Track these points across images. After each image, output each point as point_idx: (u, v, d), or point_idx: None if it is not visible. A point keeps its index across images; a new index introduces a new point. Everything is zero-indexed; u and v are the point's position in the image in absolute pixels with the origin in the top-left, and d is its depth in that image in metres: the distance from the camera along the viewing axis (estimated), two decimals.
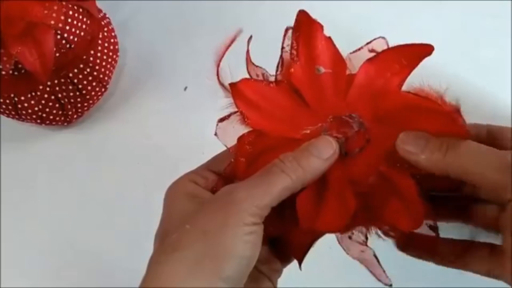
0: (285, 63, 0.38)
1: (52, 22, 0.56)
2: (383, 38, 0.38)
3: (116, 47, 0.67)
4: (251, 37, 0.37)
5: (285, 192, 0.33)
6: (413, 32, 0.66)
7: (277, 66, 0.38)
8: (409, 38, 0.68)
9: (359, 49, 0.38)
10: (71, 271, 0.61)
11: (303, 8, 0.70)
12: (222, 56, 0.37)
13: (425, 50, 0.36)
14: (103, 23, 0.65)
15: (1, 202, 0.64)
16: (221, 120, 0.38)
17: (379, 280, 0.36)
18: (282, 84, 0.37)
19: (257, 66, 0.38)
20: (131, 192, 0.64)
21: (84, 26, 0.60)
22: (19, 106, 0.62)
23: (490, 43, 0.67)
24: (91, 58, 0.62)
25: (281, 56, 0.38)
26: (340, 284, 0.57)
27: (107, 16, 0.67)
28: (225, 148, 0.39)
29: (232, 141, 0.38)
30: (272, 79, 0.38)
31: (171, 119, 0.67)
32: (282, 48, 0.38)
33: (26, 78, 0.59)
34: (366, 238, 0.36)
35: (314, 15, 0.69)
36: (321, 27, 0.37)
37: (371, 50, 0.38)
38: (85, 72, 0.62)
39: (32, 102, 0.61)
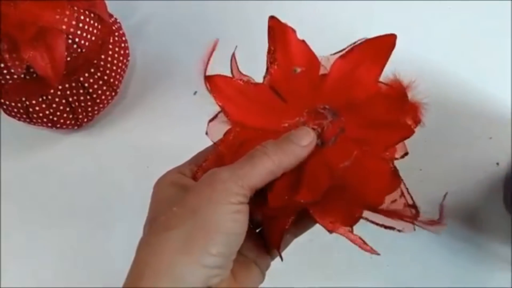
0: (267, 68, 0.39)
1: (64, 27, 0.55)
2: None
3: (127, 51, 0.66)
4: (236, 47, 0.39)
5: (267, 175, 0.34)
6: (414, 33, 0.67)
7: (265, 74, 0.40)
8: (409, 39, 0.68)
9: (340, 51, 0.39)
10: (74, 273, 0.60)
11: (307, 7, 0.70)
12: (207, 65, 0.38)
13: (389, 40, 0.38)
14: (114, 27, 0.65)
15: (7, 207, 0.64)
16: (211, 120, 0.39)
17: (367, 251, 0.36)
18: (260, 84, 0.39)
19: (242, 74, 0.40)
20: (140, 195, 0.63)
21: (95, 31, 0.59)
22: (30, 109, 0.61)
23: (490, 44, 0.67)
24: (102, 63, 0.62)
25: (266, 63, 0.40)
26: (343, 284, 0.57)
27: (118, 20, 0.67)
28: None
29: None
30: None
31: (181, 123, 0.66)
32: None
33: (37, 82, 0.58)
34: (351, 227, 0.36)
35: (316, 15, 0.69)
36: (293, 30, 0.39)
37: None
38: (96, 76, 0.62)
39: (43, 105, 0.61)
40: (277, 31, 0.39)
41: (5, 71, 0.56)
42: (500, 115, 0.63)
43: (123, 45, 0.65)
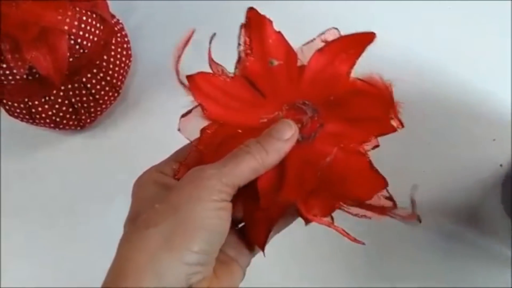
0: (241, 59, 0.38)
1: (66, 27, 0.55)
2: (336, 28, 0.38)
3: (129, 52, 0.66)
4: (214, 34, 0.39)
5: (251, 173, 0.34)
6: (414, 33, 0.66)
7: (236, 63, 0.39)
8: (409, 38, 0.67)
9: (311, 41, 0.39)
10: (74, 273, 0.59)
11: (308, 8, 0.70)
12: (180, 56, 0.38)
13: (368, 38, 0.37)
14: (116, 28, 0.64)
15: (8, 207, 0.63)
16: (183, 115, 0.38)
17: (352, 241, 0.36)
18: (238, 78, 0.38)
19: (217, 64, 0.39)
20: None
21: (97, 32, 0.59)
22: (33, 110, 0.60)
23: (490, 43, 0.66)
24: (104, 63, 0.61)
25: (238, 53, 0.38)
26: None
27: (120, 21, 0.66)
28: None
29: (195, 136, 0.38)
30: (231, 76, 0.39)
31: None
32: (239, 44, 0.38)
33: (40, 82, 0.57)
34: (332, 218, 0.35)
35: (319, 14, 0.69)
36: (271, 22, 0.38)
37: (324, 41, 0.38)
38: (98, 77, 0.61)
39: (46, 106, 0.60)
40: (254, 22, 0.38)
41: (7, 72, 0.56)
42: (500, 116, 0.63)
43: (125, 45, 0.65)
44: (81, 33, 0.57)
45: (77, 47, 0.57)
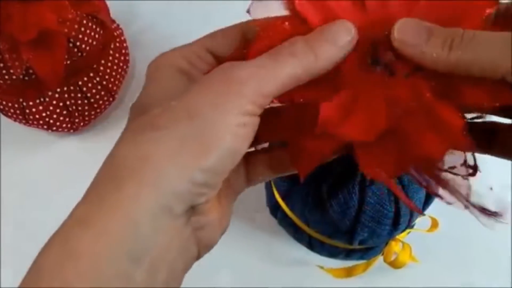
0: None
1: (66, 30, 0.54)
2: None
3: (127, 58, 0.65)
4: None
5: (292, 80, 0.26)
6: None
7: None
8: None
9: None
10: None
11: None
12: None
13: None
14: (115, 33, 0.64)
15: (2, 207, 0.62)
16: None
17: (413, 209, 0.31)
18: None
19: None
20: None
21: (96, 36, 0.58)
22: (27, 111, 0.59)
23: None
24: (101, 68, 0.61)
25: None
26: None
27: (120, 26, 0.66)
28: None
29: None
30: None
31: None
32: None
33: (36, 83, 0.57)
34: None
35: None
36: None
37: None
38: (94, 81, 0.60)
39: (40, 107, 0.59)
40: None
41: (4, 71, 0.55)
42: None
43: (123, 51, 0.64)
44: (80, 36, 0.56)
45: (75, 50, 0.57)
